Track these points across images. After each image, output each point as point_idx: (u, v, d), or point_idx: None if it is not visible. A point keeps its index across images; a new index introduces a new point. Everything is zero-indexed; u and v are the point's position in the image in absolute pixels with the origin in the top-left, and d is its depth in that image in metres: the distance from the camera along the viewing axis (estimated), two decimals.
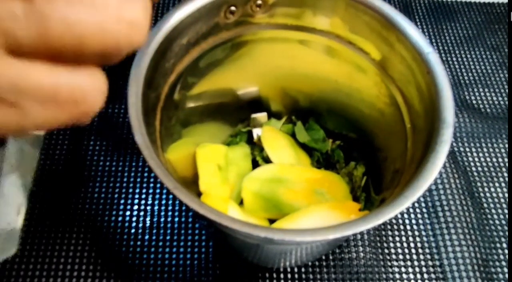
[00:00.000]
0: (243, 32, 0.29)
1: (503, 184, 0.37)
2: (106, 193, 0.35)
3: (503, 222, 0.35)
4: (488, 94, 0.43)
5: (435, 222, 0.35)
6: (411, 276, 0.33)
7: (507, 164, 0.38)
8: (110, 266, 0.32)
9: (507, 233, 0.35)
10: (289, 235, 0.19)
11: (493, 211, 0.36)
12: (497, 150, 0.39)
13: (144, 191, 0.36)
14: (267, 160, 0.33)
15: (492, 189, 0.37)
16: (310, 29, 0.29)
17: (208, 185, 0.30)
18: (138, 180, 0.36)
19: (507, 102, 0.42)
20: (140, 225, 0.34)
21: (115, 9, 0.12)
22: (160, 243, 0.33)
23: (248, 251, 0.29)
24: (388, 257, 0.33)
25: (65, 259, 0.32)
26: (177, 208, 0.35)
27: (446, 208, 0.36)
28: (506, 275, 0.33)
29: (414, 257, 0.33)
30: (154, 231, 0.34)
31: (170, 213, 0.34)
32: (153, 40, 0.24)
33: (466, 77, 0.44)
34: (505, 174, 0.38)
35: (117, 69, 0.21)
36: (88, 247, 0.33)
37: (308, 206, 0.29)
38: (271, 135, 0.34)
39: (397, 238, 0.34)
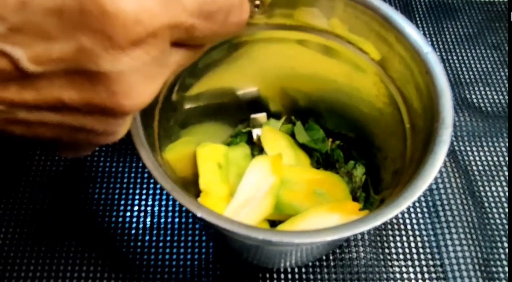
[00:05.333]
0: (241, 32, 0.28)
1: (504, 183, 0.37)
2: (106, 194, 0.35)
3: (504, 221, 0.35)
4: (488, 93, 0.43)
5: (436, 221, 0.35)
6: (412, 275, 0.32)
7: (507, 163, 0.38)
8: (110, 266, 0.32)
9: (508, 232, 0.35)
10: (288, 237, 0.19)
11: (494, 210, 0.36)
12: (497, 149, 0.39)
13: (144, 191, 0.36)
14: None
15: (493, 188, 0.37)
16: (309, 29, 0.29)
17: (208, 184, 0.30)
18: (138, 180, 0.36)
19: (507, 101, 0.42)
20: (140, 225, 0.34)
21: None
22: (160, 244, 0.33)
23: (248, 251, 0.29)
24: (388, 257, 0.33)
25: (66, 260, 0.32)
26: (177, 208, 0.35)
27: (446, 207, 0.35)
28: (507, 274, 0.33)
29: (415, 256, 0.33)
30: (154, 231, 0.34)
31: (170, 214, 0.34)
32: None
33: (466, 76, 0.44)
34: (506, 173, 0.38)
35: None
36: (88, 247, 0.33)
37: (308, 206, 0.29)
38: (271, 135, 0.34)
39: (398, 238, 0.34)
